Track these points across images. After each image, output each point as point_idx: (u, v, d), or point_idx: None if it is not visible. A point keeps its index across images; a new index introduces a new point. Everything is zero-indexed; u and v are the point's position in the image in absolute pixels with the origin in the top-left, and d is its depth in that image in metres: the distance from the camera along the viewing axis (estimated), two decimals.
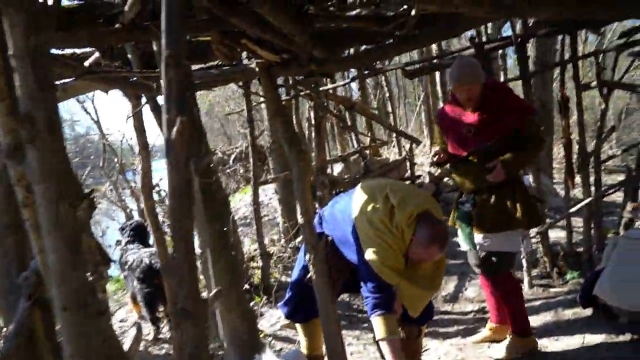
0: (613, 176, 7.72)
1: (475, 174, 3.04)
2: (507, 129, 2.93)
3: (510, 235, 3.03)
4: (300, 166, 2.96)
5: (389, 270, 2.36)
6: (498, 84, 3.08)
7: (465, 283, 4.81)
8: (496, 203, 3.01)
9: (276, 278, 5.54)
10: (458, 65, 2.94)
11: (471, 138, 3.02)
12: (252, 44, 2.71)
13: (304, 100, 6.45)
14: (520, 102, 3.06)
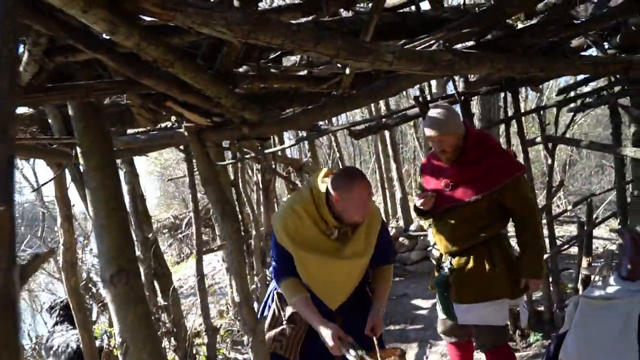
0: (564, 227, 7.80)
1: (450, 234, 2.78)
2: (488, 188, 2.62)
3: (494, 305, 2.69)
4: (234, 239, 2.68)
5: (288, 238, 2.31)
6: (483, 137, 2.74)
7: (426, 350, 4.51)
8: (475, 269, 2.70)
9: (224, 355, 5.07)
10: (431, 113, 2.71)
11: (448, 194, 2.75)
12: (177, 107, 2.48)
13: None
14: (506, 158, 2.71)
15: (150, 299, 4.76)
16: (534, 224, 2.65)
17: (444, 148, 2.67)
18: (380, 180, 7.81)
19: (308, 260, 2.32)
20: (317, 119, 2.47)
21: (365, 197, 2.23)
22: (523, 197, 2.65)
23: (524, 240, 2.66)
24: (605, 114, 11.74)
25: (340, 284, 2.40)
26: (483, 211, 2.66)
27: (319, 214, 2.32)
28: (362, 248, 2.36)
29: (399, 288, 6.31)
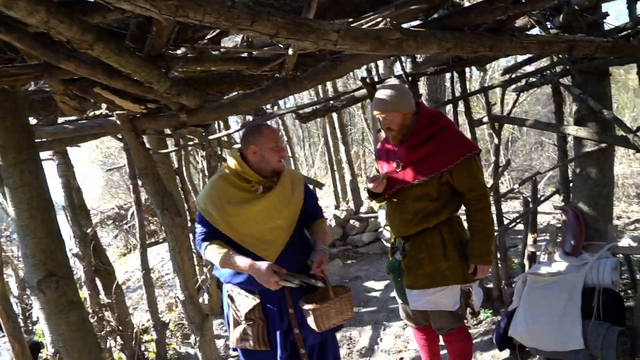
0: (509, 203, 8.05)
1: (401, 218, 2.68)
2: (437, 169, 2.51)
3: (445, 290, 2.63)
4: (175, 234, 2.51)
5: (213, 208, 2.32)
6: (436, 117, 2.59)
7: (380, 333, 4.52)
8: (426, 254, 2.62)
9: (175, 350, 4.88)
10: (379, 90, 2.58)
11: (399, 176, 2.65)
12: (107, 93, 2.26)
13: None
14: (458, 138, 2.55)
15: (92, 297, 4.49)
16: (484, 209, 2.54)
17: (390, 126, 2.56)
18: (329, 162, 7.73)
19: (237, 217, 2.32)
20: (259, 103, 2.32)
21: (276, 138, 2.30)
22: (473, 180, 2.53)
23: (473, 225, 2.58)
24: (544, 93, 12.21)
25: (272, 231, 2.37)
26: (434, 194, 2.56)
27: (240, 177, 2.34)
28: (288, 195, 2.39)
29: (351, 271, 6.31)
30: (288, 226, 2.41)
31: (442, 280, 2.59)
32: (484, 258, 2.53)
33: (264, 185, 2.38)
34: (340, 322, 2.25)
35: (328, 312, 2.18)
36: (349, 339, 4.56)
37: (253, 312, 2.39)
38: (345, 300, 2.24)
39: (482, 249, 2.53)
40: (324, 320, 2.18)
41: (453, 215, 2.65)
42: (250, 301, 2.40)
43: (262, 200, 2.34)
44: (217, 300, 5.50)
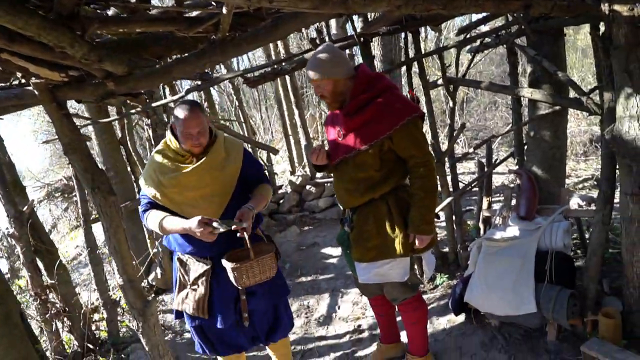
0: (463, 164, 8.13)
1: (346, 188, 2.56)
2: (376, 136, 2.39)
3: (392, 263, 2.55)
4: (109, 214, 2.30)
5: (150, 181, 2.39)
6: (374, 79, 2.43)
7: (338, 300, 4.49)
8: (371, 226, 2.53)
9: (128, 327, 4.71)
10: (310, 57, 2.44)
11: (341, 145, 2.53)
12: (17, 60, 1.97)
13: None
14: (397, 101, 2.38)
15: (33, 279, 4.21)
16: (426, 176, 2.41)
17: (322, 93, 2.45)
18: (283, 127, 7.49)
19: (172, 187, 2.37)
20: (194, 68, 2.10)
21: (190, 125, 2.27)
22: (414, 145, 2.39)
23: (413, 192, 2.44)
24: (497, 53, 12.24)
25: (206, 198, 2.40)
26: (377, 162, 2.44)
27: (173, 150, 2.41)
28: (221, 162, 2.42)
29: (308, 237, 6.23)
30: (224, 193, 2.43)
31: (390, 252, 2.50)
32: (422, 227, 2.42)
33: (197, 158, 2.40)
34: (261, 281, 2.28)
35: (248, 271, 2.23)
36: (307, 308, 4.52)
37: (201, 278, 2.45)
38: (267, 260, 2.27)
39: (420, 218, 2.42)
40: (244, 279, 2.23)
41: (400, 184, 2.53)
42: (200, 266, 2.46)
43: (193, 168, 2.36)
44: (171, 274, 5.33)
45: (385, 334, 3.16)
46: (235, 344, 2.70)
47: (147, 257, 5.30)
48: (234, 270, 2.21)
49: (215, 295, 2.47)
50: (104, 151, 5.23)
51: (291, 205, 7.03)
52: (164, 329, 4.56)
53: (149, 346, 2.38)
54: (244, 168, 2.50)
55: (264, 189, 2.54)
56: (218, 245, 2.35)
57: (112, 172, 5.28)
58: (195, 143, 2.32)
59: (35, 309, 4.18)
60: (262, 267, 2.26)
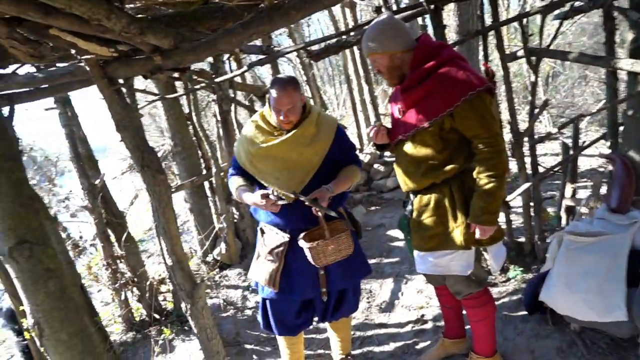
0: (547, 145, 7.47)
1: (406, 170, 2.38)
2: (435, 113, 2.14)
3: (452, 254, 2.33)
4: (158, 193, 2.24)
5: (241, 147, 2.55)
6: (435, 49, 2.19)
7: (401, 287, 4.28)
8: (432, 213, 2.32)
9: None
10: (367, 29, 2.26)
11: (401, 123, 2.33)
12: (67, 35, 1.92)
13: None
14: (461, 73, 2.11)
15: (104, 249, 4.40)
16: (491, 158, 2.12)
17: (378, 68, 2.28)
18: (352, 103, 7.23)
19: (259, 156, 2.47)
20: (241, 39, 1.94)
21: (280, 102, 2.33)
22: (479, 123, 2.11)
23: (476, 176, 2.17)
24: (589, 22, 11.05)
25: (289, 170, 2.44)
26: (437, 142, 2.20)
27: (267, 121, 2.50)
28: (309, 137, 2.44)
29: (374, 218, 6.02)
30: (308, 168, 2.45)
31: (451, 243, 2.27)
32: (484, 217, 2.15)
33: (288, 131, 2.44)
34: (337, 259, 2.36)
35: (324, 250, 2.29)
36: (369, 292, 4.35)
37: (277, 249, 2.52)
38: (342, 239, 2.32)
39: (482, 206, 2.15)
40: (322, 258, 2.30)
41: (466, 168, 2.25)
42: (278, 238, 2.52)
43: (280, 141, 2.42)
44: (236, 250, 5.39)
45: (450, 328, 2.93)
46: (293, 325, 2.74)
47: (212, 232, 5.37)
48: (310, 250, 2.29)
49: (292, 268, 2.53)
50: (172, 126, 5.31)
51: (358, 184, 6.84)
52: (226, 304, 4.61)
53: (197, 329, 2.34)
54: (333, 147, 2.50)
55: (350, 170, 2.53)
56: (297, 219, 2.46)
57: (180, 148, 5.36)
58: (285, 120, 2.38)
59: (107, 278, 4.38)
60: (338, 245, 2.31)
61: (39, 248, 2.15)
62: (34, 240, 2.14)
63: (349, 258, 2.46)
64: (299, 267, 2.51)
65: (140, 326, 4.44)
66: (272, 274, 2.52)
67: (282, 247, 2.52)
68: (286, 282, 2.55)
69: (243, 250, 5.48)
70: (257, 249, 2.67)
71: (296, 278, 2.54)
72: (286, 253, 2.53)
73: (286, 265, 2.54)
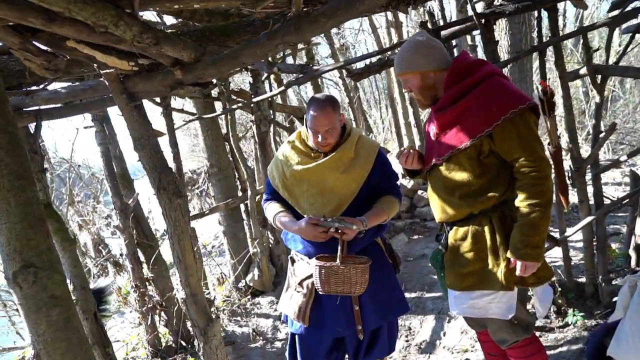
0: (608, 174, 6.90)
1: (439, 199, 2.15)
2: (473, 133, 1.94)
3: (492, 296, 2.05)
4: (174, 217, 2.05)
5: (276, 170, 2.41)
6: (471, 66, 2.02)
7: (444, 325, 3.91)
8: (469, 248, 2.07)
9: (222, 327, 4.61)
10: (399, 49, 2.12)
11: (434, 145, 2.14)
12: (84, 47, 1.79)
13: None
14: (499, 90, 1.93)
15: (134, 271, 4.29)
16: (534, 185, 1.89)
17: (410, 89, 2.11)
18: (396, 126, 6.96)
19: (293, 180, 2.32)
20: (266, 51, 1.76)
21: (317, 124, 2.18)
22: (521, 145, 1.89)
23: (518, 205, 1.93)
24: None
25: (324, 196, 2.29)
26: (475, 167, 1.99)
27: (304, 143, 2.36)
28: (346, 162, 2.29)
29: (416, 248, 5.67)
30: (344, 195, 2.29)
31: (491, 282, 2.01)
32: (525, 252, 1.89)
33: (325, 155, 2.30)
34: (344, 293, 2.12)
35: (331, 276, 2.07)
36: (408, 330, 4.02)
37: (307, 281, 2.33)
38: (360, 270, 2.07)
39: (523, 239, 1.89)
40: (325, 284, 2.08)
41: (508, 198, 2.01)
42: (309, 269, 2.32)
43: (315, 165, 2.28)
44: (269, 276, 5.17)
45: None
46: None
47: (245, 257, 5.18)
48: (317, 269, 2.09)
49: (324, 302, 2.32)
50: (209, 147, 5.22)
51: (401, 211, 6.51)
52: (256, 334, 4.37)
53: None
54: (373, 173, 2.33)
55: (387, 202, 2.34)
56: (329, 248, 2.23)
57: (216, 169, 5.25)
58: (323, 143, 2.23)
59: (134, 301, 4.26)
60: (349, 277, 2.06)
61: (44, 273, 2.00)
62: (40, 264, 2.00)
63: (384, 294, 2.30)
64: (331, 301, 2.30)
65: (166, 352, 4.27)
66: (301, 307, 2.33)
67: (313, 278, 2.29)
68: (317, 317, 2.35)
69: (277, 277, 5.26)
70: (288, 279, 2.50)
71: (328, 313, 2.33)
72: None
73: (317, 298, 2.33)
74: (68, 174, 9.77)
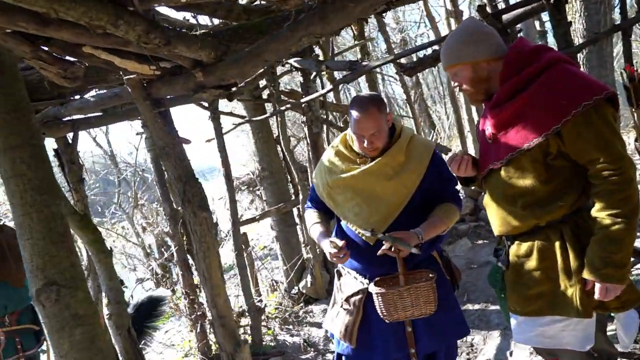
0: None
1: (498, 210, 1.86)
2: (538, 132, 1.65)
3: (565, 322, 1.75)
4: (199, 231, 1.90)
5: (319, 177, 2.26)
6: (532, 53, 1.73)
7: (511, 343, 3.53)
8: (536, 266, 1.76)
9: (273, 336, 4.47)
10: (447, 38, 1.87)
11: (492, 148, 1.85)
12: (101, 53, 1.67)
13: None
14: (570, 79, 1.63)
15: (184, 278, 4.26)
16: (616, 191, 1.57)
17: (459, 82, 1.83)
18: (457, 123, 6.51)
19: (337, 188, 2.15)
20: (289, 46, 1.55)
21: (360, 126, 1.99)
22: (597, 144, 1.58)
23: (595, 215, 1.61)
24: None
25: (370, 205, 2.08)
26: (541, 171, 1.69)
27: (349, 147, 2.18)
28: (395, 167, 2.08)
29: (481, 254, 5.24)
30: (394, 203, 2.07)
31: (564, 306, 1.70)
32: (606, 272, 1.57)
33: (372, 160, 2.10)
34: (414, 316, 1.92)
35: (397, 301, 1.87)
36: (470, 346, 3.67)
37: (354, 298, 2.14)
38: (422, 290, 1.87)
39: (603, 256, 1.57)
40: (392, 310, 1.89)
41: (582, 206, 1.70)
42: (357, 284, 2.15)
43: (360, 172, 2.09)
44: (323, 283, 4.99)
45: None
46: None
47: (299, 262, 5.02)
48: (378, 297, 1.89)
49: (373, 322, 2.11)
50: (259, 150, 5.11)
51: (464, 214, 6.09)
52: (307, 345, 4.19)
53: None
54: (427, 177, 2.10)
55: (446, 210, 2.10)
56: (380, 263, 2.04)
57: (267, 172, 5.14)
58: (369, 147, 2.03)
59: (185, 308, 4.22)
60: (417, 298, 1.88)
61: (67, 291, 1.93)
62: (62, 282, 1.92)
63: (442, 315, 2.03)
64: (381, 321, 2.06)
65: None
66: (348, 327, 2.14)
67: (361, 294, 2.12)
68: (365, 338, 2.15)
69: (330, 284, 5.04)
70: (334, 294, 2.31)
71: (377, 334, 2.13)
72: (365, 303, 2.12)
73: (366, 317, 2.13)
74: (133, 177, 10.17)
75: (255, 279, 5.18)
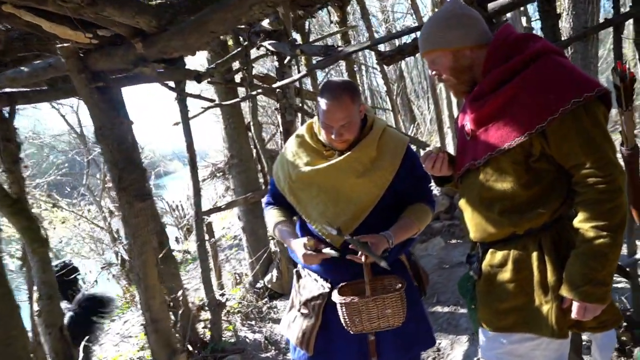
0: None
1: (473, 214, 1.69)
2: (521, 130, 1.49)
3: (538, 342, 1.60)
4: (134, 224, 1.66)
5: (281, 170, 2.06)
6: (519, 42, 1.56)
7: (478, 350, 3.39)
8: (513, 276, 1.61)
9: (233, 332, 4.26)
10: (427, 21, 1.68)
11: (470, 145, 1.68)
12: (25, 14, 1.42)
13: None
14: (558, 74, 1.46)
15: None
16: (603, 200, 1.42)
17: (439, 72, 1.65)
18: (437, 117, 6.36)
19: (301, 183, 1.97)
20: (237, 17, 1.33)
21: (329, 117, 1.79)
22: (584, 146, 1.43)
23: (577, 226, 1.46)
24: None
25: (337, 205, 1.91)
26: (521, 173, 1.54)
27: (316, 137, 1.99)
28: (366, 163, 1.91)
29: (454, 254, 5.12)
30: (363, 202, 1.91)
31: (537, 324, 1.55)
32: (586, 290, 1.43)
33: (341, 153, 1.93)
34: (380, 328, 1.78)
35: (362, 311, 1.73)
36: (437, 351, 3.53)
37: (314, 302, 1.98)
38: (391, 300, 1.73)
39: (583, 273, 1.43)
40: (356, 322, 1.75)
41: (564, 214, 1.55)
42: (317, 287, 1.99)
43: (327, 166, 1.91)
44: (289, 278, 4.80)
45: None
46: None
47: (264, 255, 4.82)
48: (342, 307, 1.75)
49: (333, 329, 1.98)
50: (229, 136, 4.87)
51: (439, 211, 5.95)
52: (268, 343, 4.00)
53: None
54: (400, 175, 1.93)
55: (418, 212, 1.95)
56: (343, 267, 1.89)
57: (237, 160, 4.90)
58: (337, 140, 1.85)
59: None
60: (383, 308, 1.74)
61: None
62: None
63: (408, 324, 1.87)
64: (342, 328, 1.91)
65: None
66: (305, 333, 1.98)
67: (321, 299, 1.97)
68: (324, 345, 2.00)
69: None
70: (292, 296, 2.14)
71: (337, 342, 1.99)
72: (325, 308, 1.97)
73: (325, 323, 1.98)
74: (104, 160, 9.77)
75: (219, 271, 4.97)
